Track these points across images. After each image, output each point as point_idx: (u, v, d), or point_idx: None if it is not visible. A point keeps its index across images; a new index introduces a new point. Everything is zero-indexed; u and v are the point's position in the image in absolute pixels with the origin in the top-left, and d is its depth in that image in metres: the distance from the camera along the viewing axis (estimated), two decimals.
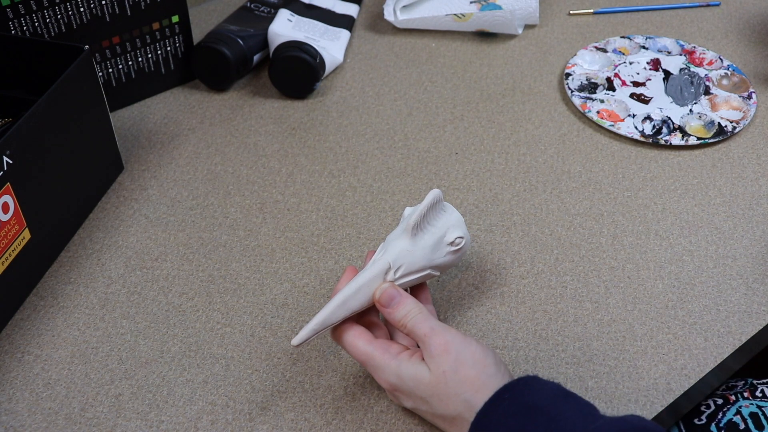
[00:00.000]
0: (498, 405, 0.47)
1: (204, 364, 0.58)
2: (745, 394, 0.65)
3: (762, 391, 0.65)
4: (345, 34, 0.91)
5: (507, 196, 0.72)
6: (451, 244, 0.55)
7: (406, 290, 0.55)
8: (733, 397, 0.65)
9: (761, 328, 0.61)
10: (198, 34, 0.88)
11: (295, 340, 0.52)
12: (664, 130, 0.79)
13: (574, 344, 0.60)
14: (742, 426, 0.62)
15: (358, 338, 0.51)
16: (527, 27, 0.96)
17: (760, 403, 0.64)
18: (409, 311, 0.51)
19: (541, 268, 0.66)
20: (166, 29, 0.81)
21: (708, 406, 0.66)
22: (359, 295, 0.52)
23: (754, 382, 0.68)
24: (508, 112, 0.83)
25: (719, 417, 0.63)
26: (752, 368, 0.71)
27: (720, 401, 0.65)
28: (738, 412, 0.63)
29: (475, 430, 0.47)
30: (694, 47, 0.91)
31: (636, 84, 0.86)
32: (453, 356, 0.49)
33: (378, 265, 0.53)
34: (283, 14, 0.89)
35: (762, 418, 0.62)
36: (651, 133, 0.79)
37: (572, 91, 0.84)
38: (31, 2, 0.70)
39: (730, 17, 0.98)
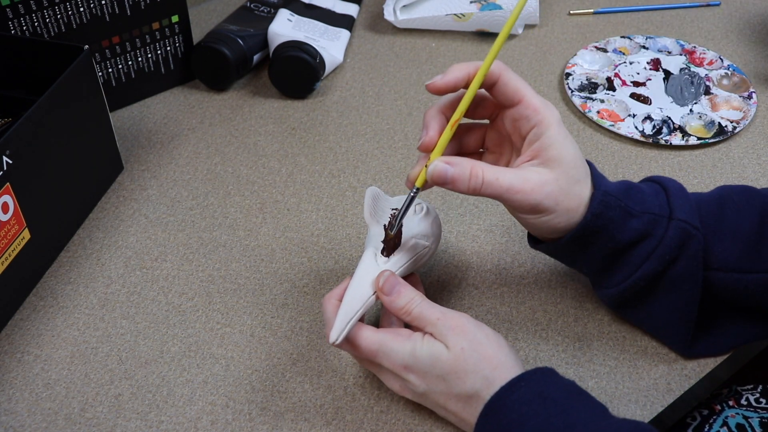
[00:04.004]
0: (513, 391, 0.48)
1: (204, 365, 0.58)
2: (730, 403, 0.64)
3: (747, 399, 0.64)
4: (345, 33, 0.91)
5: None
6: (414, 212, 0.57)
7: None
8: (718, 407, 0.64)
9: None
10: (198, 34, 0.88)
11: (332, 337, 0.51)
12: (665, 130, 0.79)
13: (574, 344, 0.60)
14: None
15: (364, 330, 0.52)
16: (527, 27, 0.96)
17: (746, 413, 0.63)
18: (412, 298, 0.52)
19: (541, 268, 0.65)
20: (166, 29, 0.81)
21: (694, 418, 0.65)
22: (363, 282, 0.53)
23: (738, 388, 0.67)
24: None
25: (705, 430, 0.63)
26: (735, 374, 0.70)
27: (705, 412, 0.64)
28: (725, 424, 0.62)
29: (488, 411, 0.48)
30: (695, 47, 0.91)
31: (636, 84, 0.86)
32: (470, 336, 0.50)
33: (365, 254, 0.55)
34: (283, 14, 0.89)
35: (749, 429, 0.61)
36: (651, 133, 0.79)
37: (572, 91, 0.84)
38: (31, 2, 0.70)
39: (730, 17, 0.98)
